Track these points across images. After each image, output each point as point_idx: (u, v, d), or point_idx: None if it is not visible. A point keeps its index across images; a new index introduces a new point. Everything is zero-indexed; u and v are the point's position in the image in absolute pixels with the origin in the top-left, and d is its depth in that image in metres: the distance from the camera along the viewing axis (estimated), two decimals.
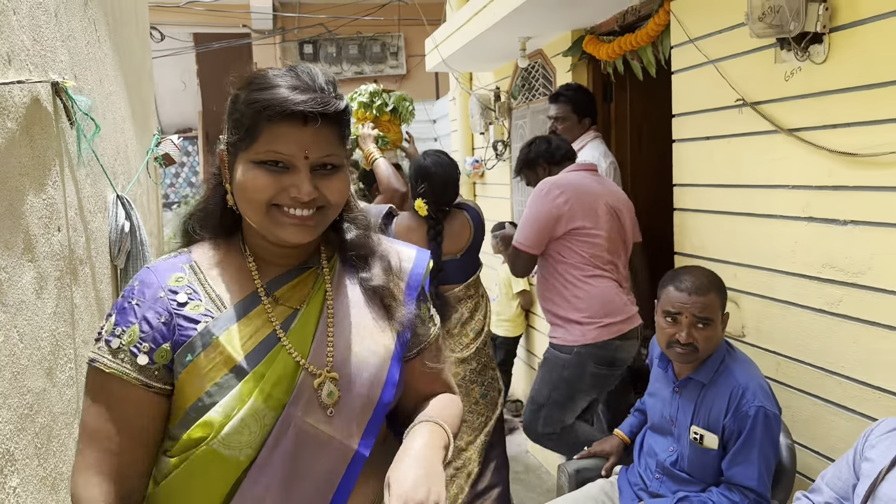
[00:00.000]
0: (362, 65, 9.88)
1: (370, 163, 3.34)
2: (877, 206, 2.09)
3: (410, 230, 2.96)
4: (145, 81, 3.64)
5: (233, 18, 9.35)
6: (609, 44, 3.67)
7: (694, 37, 2.88)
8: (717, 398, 2.10)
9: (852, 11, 2.14)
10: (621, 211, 2.92)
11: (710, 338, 2.15)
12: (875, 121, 2.08)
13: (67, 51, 1.85)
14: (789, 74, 2.39)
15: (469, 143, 6.13)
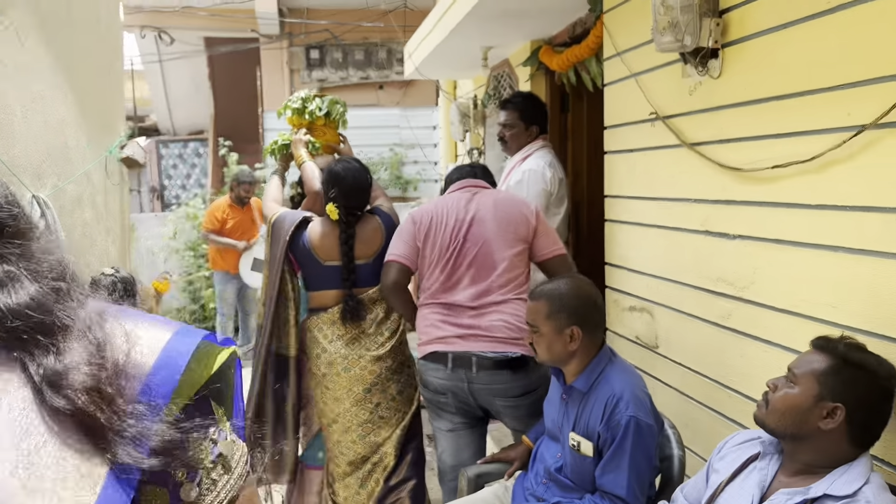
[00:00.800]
0: (368, 70, 9.97)
1: (298, 166, 3.41)
2: (759, 221, 2.10)
3: (324, 235, 3.03)
4: (111, 83, 3.75)
5: (241, 23, 9.50)
6: (560, 55, 3.71)
7: (620, 50, 2.91)
8: (594, 406, 2.12)
9: (740, 27, 2.15)
10: (481, 220, 2.78)
11: (540, 345, 2.18)
12: (758, 136, 2.09)
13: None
14: (692, 89, 2.41)
15: (452, 151, 6.19)
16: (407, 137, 8.67)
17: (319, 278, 3.06)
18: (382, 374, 3.02)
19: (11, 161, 2.24)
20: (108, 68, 3.77)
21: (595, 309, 2.22)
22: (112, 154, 3.67)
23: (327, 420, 3.06)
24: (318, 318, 3.04)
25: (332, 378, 3.02)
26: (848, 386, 1.51)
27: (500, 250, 2.76)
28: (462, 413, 2.79)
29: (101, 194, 3.43)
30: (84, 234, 3.10)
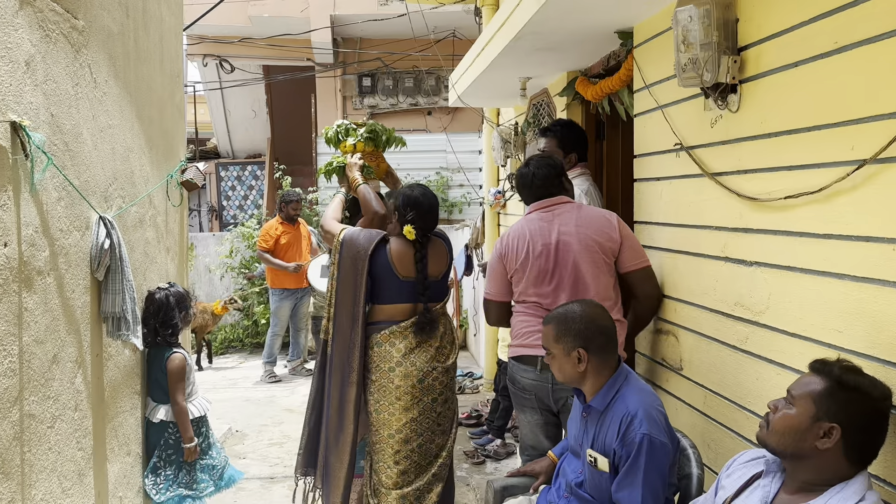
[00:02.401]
0: (417, 97, 10.22)
1: (354, 188, 3.56)
2: (773, 249, 2.16)
3: (403, 253, 3.20)
4: (171, 114, 3.99)
5: (298, 52, 9.87)
6: (595, 85, 3.81)
7: (649, 83, 3.00)
8: (610, 424, 2.19)
9: (756, 64, 2.23)
10: (567, 244, 2.89)
11: (554, 366, 2.27)
12: (772, 168, 2.16)
13: (43, 93, 2.16)
14: (713, 121, 2.49)
15: (494, 175, 6.31)
16: (453, 161, 8.86)
17: (394, 292, 3.19)
18: (448, 385, 3.23)
19: (82, 185, 2.45)
20: (170, 98, 4.01)
21: (600, 332, 2.27)
22: (172, 178, 3.90)
23: (390, 431, 3.15)
24: (390, 331, 3.16)
25: (406, 389, 3.14)
26: (843, 407, 1.57)
27: (590, 271, 2.86)
28: (541, 411, 2.95)
29: (161, 215, 3.64)
30: (145, 253, 3.30)
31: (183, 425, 3.23)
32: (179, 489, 3.22)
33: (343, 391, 3.18)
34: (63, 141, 2.32)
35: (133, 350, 3.09)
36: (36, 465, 2.06)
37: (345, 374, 3.18)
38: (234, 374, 7.42)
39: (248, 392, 6.69)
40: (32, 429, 2.04)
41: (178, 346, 3.32)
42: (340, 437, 3.18)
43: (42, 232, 2.12)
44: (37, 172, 2.02)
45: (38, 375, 2.08)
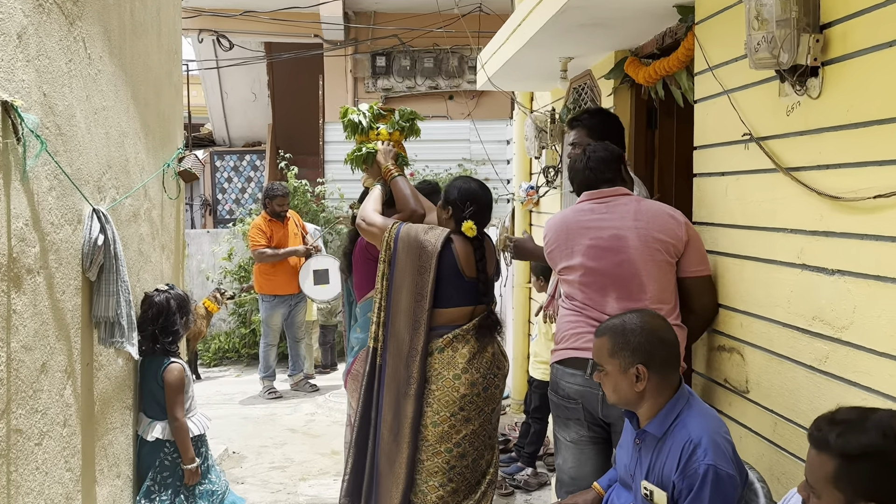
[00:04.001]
0: (437, 79, 10.23)
1: (389, 180, 3.56)
2: (860, 255, 2.13)
3: (468, 254, 3.29)
4: (169, 95, 4.01)
5: (304, 28, 9.89)
6: (647, 67, 3.78)
7: (713, 64, 2.97)
8: (669, 453, 2.18)
9: (843, 44, 2.20)
10: (623, 239, 2.88)
11: (607, 385, 2.26)
12: (860, 163, 2.13)
13: (35, 70, 2.18)
14: (790, 109, 2.46)
15: (526, 168, 6.30)
16: (477, 152, 8.84)
17: (459, 294, 3.27)
18: (503, 392, 3.34)
19: (75, 174, 2.47)
20: (167, 77, 4.03)
21: (663, 346, 2.27)
22: (169, 167, 3.92)
23: (448, 445, 3.21)
24: (453, 335, 3.22)
25: (471, 399, 3.22)
26: (866, 480, 1.53)
27: (648, 271, 2.86)
28: (587, 425, 2.90)
29: (157, 209, 3.67)
30: (140, 251, 3.33)
31: (183, 444, 3.26)
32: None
33: (399, 406, 3.22)
34: (55, 124, 2.34)
35: (127, 359, 3.12)
36: (22, 486, 2.07)
37: (401, 386, 3.22)
38: (230, 389, 7.45)
39: (245, 409, 6.72)
40: (19, 446, 2.05)
41: (175, 356, 3.34)
42: (396, 458, 3.22)
43: (33, 225, 2.14)
44: (29, 158, 2.03)
45: (27, 386, 2.10)
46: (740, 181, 2.80)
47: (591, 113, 3.63)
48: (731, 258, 2.89)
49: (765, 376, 2.65)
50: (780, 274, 2.54)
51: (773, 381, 2.59)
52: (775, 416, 2.57)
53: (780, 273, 2.54)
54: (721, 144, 2.94)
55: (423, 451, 3.23)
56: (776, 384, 2.57)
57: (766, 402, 2.64)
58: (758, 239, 2.69)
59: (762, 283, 2.66)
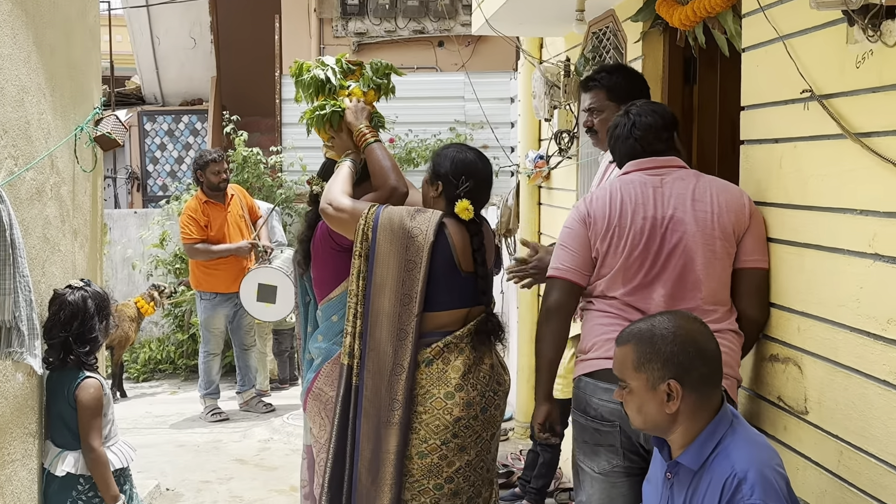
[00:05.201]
0: (424, 21, 10.24)
1: (363, 146, 3.53)
2: None
3: (465, 242, 3.28)
4: (82, 40, 3.99)
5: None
6: (685, 6, 3.78)
7: (765, 3, 2.97)
8: (708, 490, 2.20)
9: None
10: (678, 221, 2.92)
11: (631, 405, 2.27)
12: None
13: None
14: (860, 60, 2.47)
15: (535, 134, 6.32)
16: (473, 113, 8.84)
17: (453, 293, 3.28)
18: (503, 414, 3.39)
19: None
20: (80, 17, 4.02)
21: (702, 357, 2.28)
22: (83, 131, 3.90)
23: (438, 480, 3.22)
24: (443, 344, 3.22)
25: (466, 423, 3.23)
26: None
27: (704, 262, 2.91)
28: (623, 453, 2.89)
29: (67, 184, 3.67)
30: (45, 237, 3.32)
31: (102, 478, 3.29)
32: None
33: (379, 437, 3.22)
34: None
35: (28, 374, 3.12)
36: None
37: (382, 412, 3.22)
38: (163, 409, 7.50)
39: (182, 435, 6.77)
40: None
41: (92, 369, 3.36)
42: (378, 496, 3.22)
43: None
44: None
45: None
46: (799, 149, 2.82)
47: (609, 71, 3.67)
48: (786, 246, 2.92)
49: (828, 393, 2.68)
50: (847, 266, 2.56)
51: (839, 399, 2.62)
52: (841, 443, 2.60)
53: (847, 265, 2.56)
54: (775, 104, 2.96)
55: (406, 490, 3.23)
56: (842, 403, 2.60)
57: (829, 425, 2.67)
58: (820, 222, 2.71)
59: (826, 278, 2.68)
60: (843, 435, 2.59)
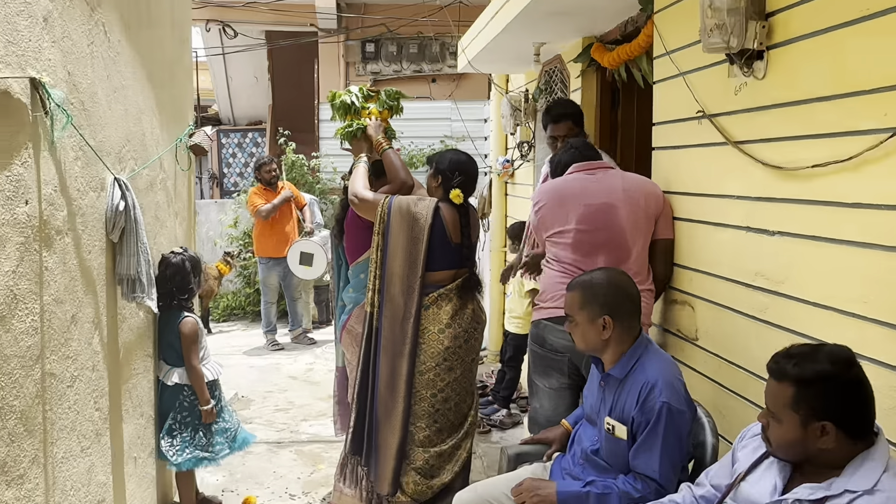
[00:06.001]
0: (421, 63, 10.14)
1: (380, 152, 3.53)
2: (798, 218, 2.17)
3: (455, 220, 3.27)
4: (181, 76, 3.95)
5: (301, 17, 9.75)
6: (611, 52, 3.78)
7: (670, 49, 2.97)
8: (629, 392, 2.21)
9: (785, 30, 2.21)
10: (614, 207, 2.91)
11: (576, 334, 2.30)
12: (799, 136, 2.15)
13: (60, 51, 2.14)
14: (738, 89, 2.48)
15: (503, 144, 6.28)
16: (458, 130, 8.81)
17: (446, 258, 3.26)
18: (481, 344, 3.38)
19: (98, 146, 2.44)
20: (179, 61, 3.97)
21: (626, 299, 2.29)
22: (182, 142, 3.88)
23: (433, 391, 3.22)
24: (438, 294, 3.22)
25: (453, 350, 3.23)
26: (821, 402, 1.56)
27: (633, 236, 2.90)
28: (568, 374, 2.92)
29: (171, 179, 3.64)
30: (156, 217, 3.30)
31: (199, 388, 3.27)
32: (196, 451, 3.26)
33: (395, 365, 3.22)
34: (79, 100, 2.30)
35: (147, 312, 3.11)
36: (57, 423, 2.08)
37: (397, 346, 3.21)
38: (238, 341, 7.46)
39: (251, 359, 6.73)
40: (53, 388, 2.05)
41: (190, 311, 3.35)
42: (393, 410, 3.22)
43: (60, 191, 2.12)
44: (56, 130, 2.01)
45: (58, 335, 2.09)
46: (693, 154, 2.82)
47: (572, 105, 3.68)
48: (684, 222, 2.92)
49: (711, 325, 2.70)
50: (727, 235, 2.57)
51: (719, 329, 2.64)
52: (720, 360, 2.62)
53: (727, 234, 2.57)
54: (676, 121, 2.95)
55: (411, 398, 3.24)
56: (721, 332, 2.62)
57: (711, 347, 2.69)
58: (708, 205, 2.71)
59: (712, 244, 2.69)
60: (721, 353, 2.62)
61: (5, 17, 1.76)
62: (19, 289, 1.81)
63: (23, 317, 1.83)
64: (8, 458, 1.74)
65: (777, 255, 2.27)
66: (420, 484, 3.21)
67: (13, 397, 1.77)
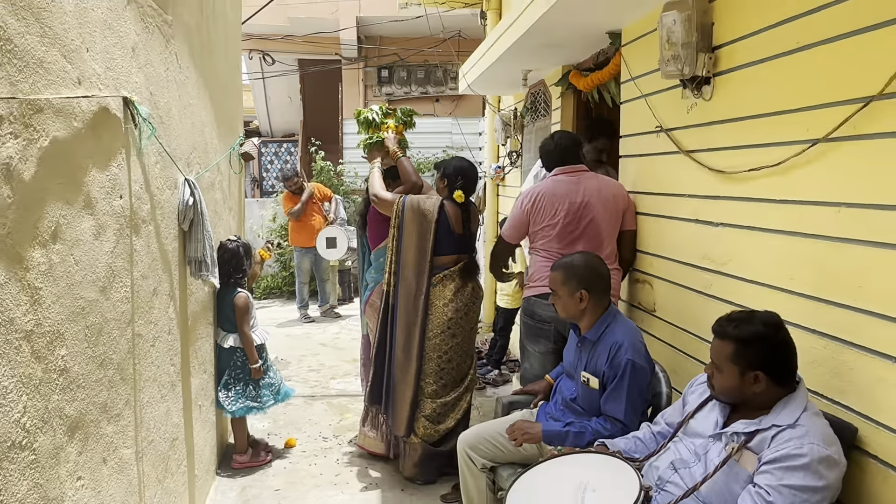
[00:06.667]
0: (427, 86, 10.16)
1: (396, 160, 3.60)
2: (737, 213, 2.23)
3: (457, 215, 3.32)
4: (233, 96, 4.00)
5: (328, 48, 9.76)
6: (586, 78, 3.83)
7: (634, 75, 3.03)
8: (601, 351, 2.29)
9: (728, 60, 2.27)
10: (591, 205, 2.93)
11: (559, 304, 2.37)
12: (739, 146, 2.22)
13: (144, 75, 2.20)
14: (689, 108, 2.53)
15: (495, 152, 6.32)
16: (458, 142, 8.84)
17: (450, 245, 3.31)
18: (478, 316, 3.41)
19: (172, 152, 2.50)
20: (231, 83, 4.02)
21: (599, 277, 2.35)
22: (234, 150, 3.93)
23: (439, 353, 3.29)
24: (443, 275, 3.29)
25: (455, 321, 3.28)
26: (755, 355, 1.65)
27: (606, 228, 2.95)
28: (553, 340, 2.96)
29: (226, 181, 3.68)
30: (215, 211, 3.36)
31: (249, 350, 3.33)
32: (247, 401, 3.33)
33: (409, 332, 3.28)
34: (158, 115, 2.36)
35: (210, 287, 3.17)
36: (143, 374, 2.15)
37: (410, 317, 3.28)
38: (276, 316, 7.51)
39: (288, 329, 6.80)
40: (140, 346, 2.12)
41: (242, 287, 3.40)
42: (408, 370, 3.29)
43: (145, 188, 2.19)
44: (143, 139, 2.07)
45: (144, 304, 2.16)
46: (653, 161, 2.88)
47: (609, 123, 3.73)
48: (645, 216, 2.98)
49: (667, 299, 2.77)
50: (679, 227, 2.63)
51: (673, 302, 2.71)
52: (674, 327, 2.70)
53: (680, 226, 2.63)
54: (639, 134, 3.01)
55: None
56: (674, 304, 2.69)
57: (667, 317, 2.76)
58: (665, 202, 2.78)
59: (668, 233, 2.76)
60: (674, 322, 2.68)
61: (104, 48, 1.82)
62: (116, 266, 1.88)
63: (119, 288, 1.90)
64: (108, 400, 1.82)
65: (720, 243, 2.34)
66: (429, 428, 3.29)
67: (112, 352, 1.85)
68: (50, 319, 1.48)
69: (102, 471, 1.77)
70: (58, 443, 1.51)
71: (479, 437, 2.55)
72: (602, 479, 1.78)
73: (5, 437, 1.28)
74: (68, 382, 1.57)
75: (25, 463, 1.36)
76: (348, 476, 3.42)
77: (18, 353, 1.34)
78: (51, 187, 1.50)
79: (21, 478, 1.33)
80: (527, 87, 4.47)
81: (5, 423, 1.29)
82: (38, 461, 1.41)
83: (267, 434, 3.94)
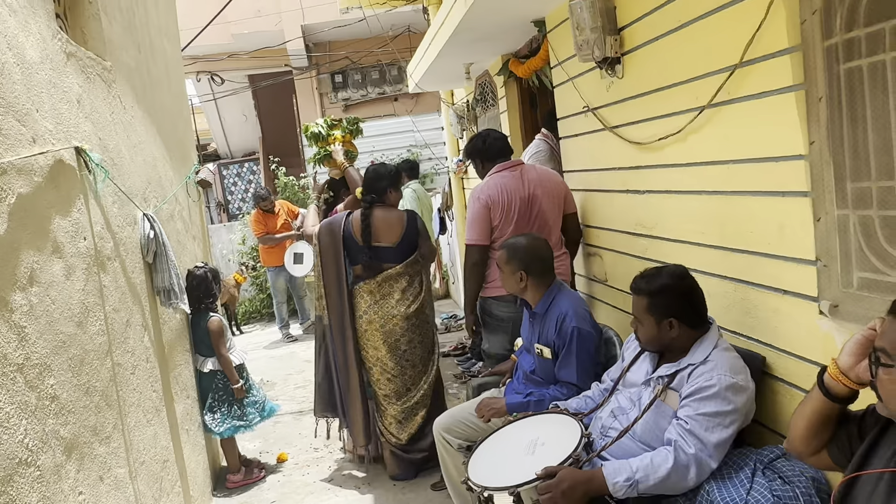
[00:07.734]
0: (384, 86, 10.43)
1: (343, 170, 3.91)
2: (656, 179, 2.55)
3: (358, 224, 3.51)
4: (182, 126, 4.27)
5: (276, 60, 10.03)
6: (523, 65, 4.14)
7: (560, 60, 3.34)
8: (549, 323, 2.58)
9: (631, 40, 2.59)
10: (537, 196, 3.14)
11: (504, 282, 2.68)
12: (650, 118, 2.53)
13: (91, 122, 2.48)
14: (608, 87, 2.85)
15: (455, 147, 6.62)
16: (420, 139, 9.14)
17: (358, 255, 3.47)
18: (410, 329, 3.48)
19: (128, 190, 2.77)
20: (179, 113, 4.28)
21: (537, 258, 2.61)
22: (190, 179, 4.20)
23: (370, 363, 3.53)
24: (358, 288, 3.49)
25: (371, 333, 3.48)
26: (667, 304, 1.94)
27: (552, 217, 3.19)
28: (510, 333, 3.16)
29: (186, 210, 3.94)
30: (178, 241, 3.61)
31: (229, 371, 3.57)
32: (234, 421, 3.58)
33: (345, 348, 3.52)
34: (110, 157, 2.64)
35: (182, 315, 3.43)
36: (127, 400, 2.43)
37: (344, 335, 3.51)
38: (259, 339, 7.75)
39: (271, 351, 7.04)
40: (121, 374, 2.40)
41: (214, 311, 3.65)
42: (350, 383, 3.54)
43: (106, 228, 2.46)
44: (98, 183, 2.35)
45: (119, 335, 2.44)
46: (586, 139, 3.18)
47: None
48: (585, 192, 3.28)
49: (615, 268, 3.07)
50: (614, 198, 2.94)
51: (620, 270, 3.00)
52: (624, 294, 2.99)
53: (614, 198, 2.94)
54: (572, 115, 3.31)
55: None
56: (621, 272, 2.98)
57: (617, 285, 3.06)
58: (597, 176, 3.08)
59: (605, 206, 3.06)
60: (623, 288, 2.96)
61: (52, 106, 2.10)
62: (88, 302, 2.16)
63: (94, 322, 2.19)
64: (97, 424, 2.10)
65: (647, 209, 2.65)
66: (397, 430, 3.53)
67: (95, 380, 2.13)
68: (37, 353, 1.76)
69: (101, 487, 2.06)
70: (57, 461, 1.79)
71: (453, 419, 2.84)
72: (550, 433, 2.09)
73: (13, 455, 1.57)
74: (59, 408, 1.85)
75: (32, 478, 1.64)
76: (341, 480, 3.71)
77: (14, 384, 1.62)
78: (22, 237, 1.78)
79: (31, 490, 1.62)
80: (471, 79, 4.77)
81: (12, 444, 1.57)
82: (43, 476, 1.70)
83: (259, 452, 4.21)
